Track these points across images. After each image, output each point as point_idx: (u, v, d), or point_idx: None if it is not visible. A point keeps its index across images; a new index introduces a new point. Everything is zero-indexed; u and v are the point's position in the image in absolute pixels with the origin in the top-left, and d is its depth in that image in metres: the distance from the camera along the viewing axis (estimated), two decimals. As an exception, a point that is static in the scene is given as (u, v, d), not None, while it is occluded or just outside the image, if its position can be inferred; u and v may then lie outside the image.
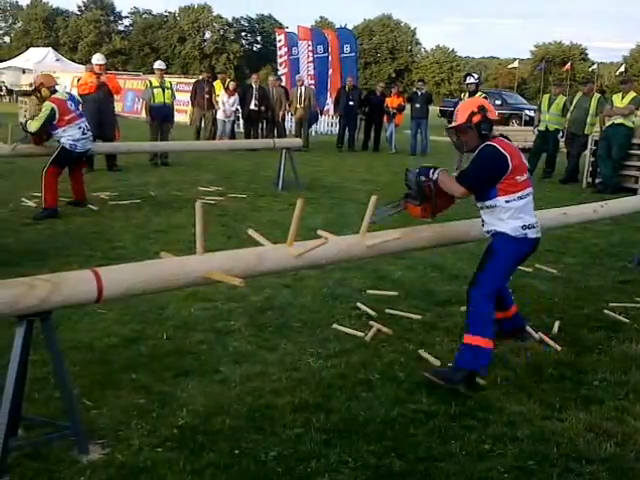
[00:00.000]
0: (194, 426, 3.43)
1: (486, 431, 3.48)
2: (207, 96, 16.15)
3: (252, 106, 17.06)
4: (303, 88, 18.04)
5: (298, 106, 17.69)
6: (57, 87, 8.62)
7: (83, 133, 8.29)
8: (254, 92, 17.07)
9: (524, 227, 4.06)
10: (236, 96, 17.12)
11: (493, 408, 3.73)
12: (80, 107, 8.53)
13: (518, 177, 4.00)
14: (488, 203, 4.07)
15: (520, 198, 4.02)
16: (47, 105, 8.01)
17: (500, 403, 3.80)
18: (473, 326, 3.97)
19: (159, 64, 14.40)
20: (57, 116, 8.00)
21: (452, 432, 3.46)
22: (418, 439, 3.39)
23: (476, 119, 4.05)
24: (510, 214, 4.02)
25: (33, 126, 8.06)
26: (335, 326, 4.86)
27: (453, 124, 4.19)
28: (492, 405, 3.76)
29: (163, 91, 13.64)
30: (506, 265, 4.19)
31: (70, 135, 8.14)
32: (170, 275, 3.26)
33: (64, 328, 4.47)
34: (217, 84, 17.88)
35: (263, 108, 17.17)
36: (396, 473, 3.10)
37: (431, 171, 4.20)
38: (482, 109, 4.06)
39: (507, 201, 4.00)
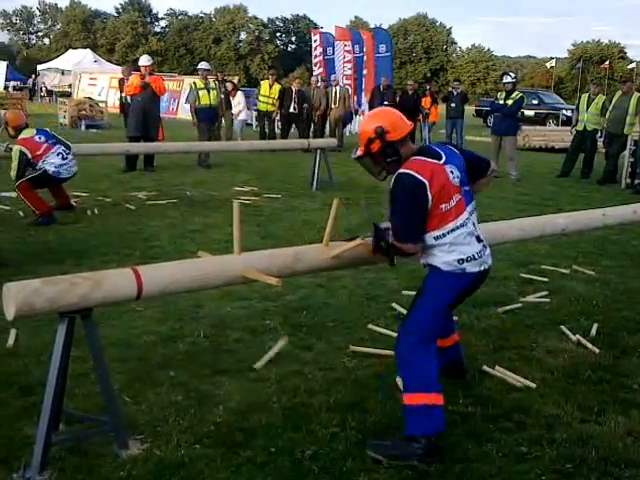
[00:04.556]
0: (231, 423, 3.47)
1: (523, 433, 3.46)
2: (222, 96, 16.17)
3: (292, 109, 17.05)
4: (338, 88, 18.04)
5: (333, 106, 17.71)
6: (27, 124, 8.32)
7: (63, 158, 8.07)
8: (293, 95, 17.06)
9: (461, 261, 3.30)
10: (239, 96, 17.00)
11: (530, 410, 3.70)
12: (51, 136, 8.20)
13: (443, 205, 3.23)
14: None
15: (452, 231, 3.27)
16: (15, 150, 7.89)
17: (537, 405, 3.77)
18: (410, 382, 3.28)
19: (203, 65, 14.20)
20: (29, 155, 7.85)
21: (488, 434, 3.44)
22: (454, 440, 3.37)
23: (375, 147, 3.34)
24: (441, 249, 3.31)
25: (13, 176, 7.93)
26: (370, 326, 4.86)
27: (355, 155, 3.47)
28: (529, 407, 3.73)
29: (208, 92, 13.54)
30: (438, 305, 3.41)
31: (52, 162, 7.97)
32: (208, 274, 3.30)
33: (104, 325, 4.53)
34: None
35: (304, 109, 17.18)
36: (432, 474, 3.10)
37: (387, 233, 3.38)
38: (379, 133, 3.30)
39: (436, 237, 3.28)
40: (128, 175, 11.93)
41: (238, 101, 17.15)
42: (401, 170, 3.25)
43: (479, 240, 3.41)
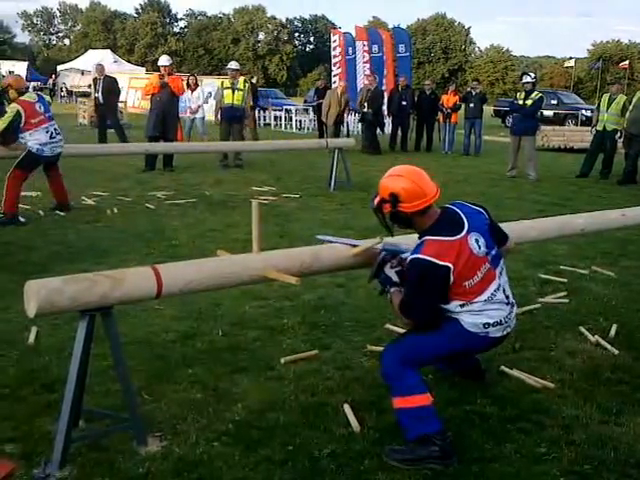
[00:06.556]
0: (249, 421, 3.49)
1: (541, 434, 3.45)
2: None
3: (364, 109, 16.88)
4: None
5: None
6: (28, 89, 8.43)
7: (51, 137, 7.96)
8: (366, 95, 16.85)
9: (487, 325, 3.25)
10: (199, 91, 16.49)
11: (548, 411, 3.68)
12: (51, 109, 8.18)
13: (467, 282, 3.16)
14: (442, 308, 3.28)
15: (479, 302, 3.22)
16: (12, 107, 7.76)
17: (556, 406, 3.75)
18: (394, 390, 3.23)
19: (232, 65, 13.98)
20: (23, 119, 7.72)
21: (506, 434, 3.43)
22: (472, 440, 3.37)
23: (386, 210, 3.27)
24: (469, 313, 3.24)
25: None
26: (388, 326, 4.86)
27: (372, 205, 3.36)
28: (547, 408, 3.72)
29: (233, 92, 13.37)
30: (443, 350, 3.33)
31: (37, 139, 7.84)
32: (227, 273, 3.32)
33: (123, 323, 4.56)
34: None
35: (370, 111, 16.99)
36: (449, 474, 3.09)
37: (387, 286, 3.42)
38: (392, 200, 3.21)
39: (461, 305, 3.22)
40: (147, 175, 12.00)
41: (197, 96, 16.41)
42: (418, 256, 3.13)
43: (508, 302, 3.35)
